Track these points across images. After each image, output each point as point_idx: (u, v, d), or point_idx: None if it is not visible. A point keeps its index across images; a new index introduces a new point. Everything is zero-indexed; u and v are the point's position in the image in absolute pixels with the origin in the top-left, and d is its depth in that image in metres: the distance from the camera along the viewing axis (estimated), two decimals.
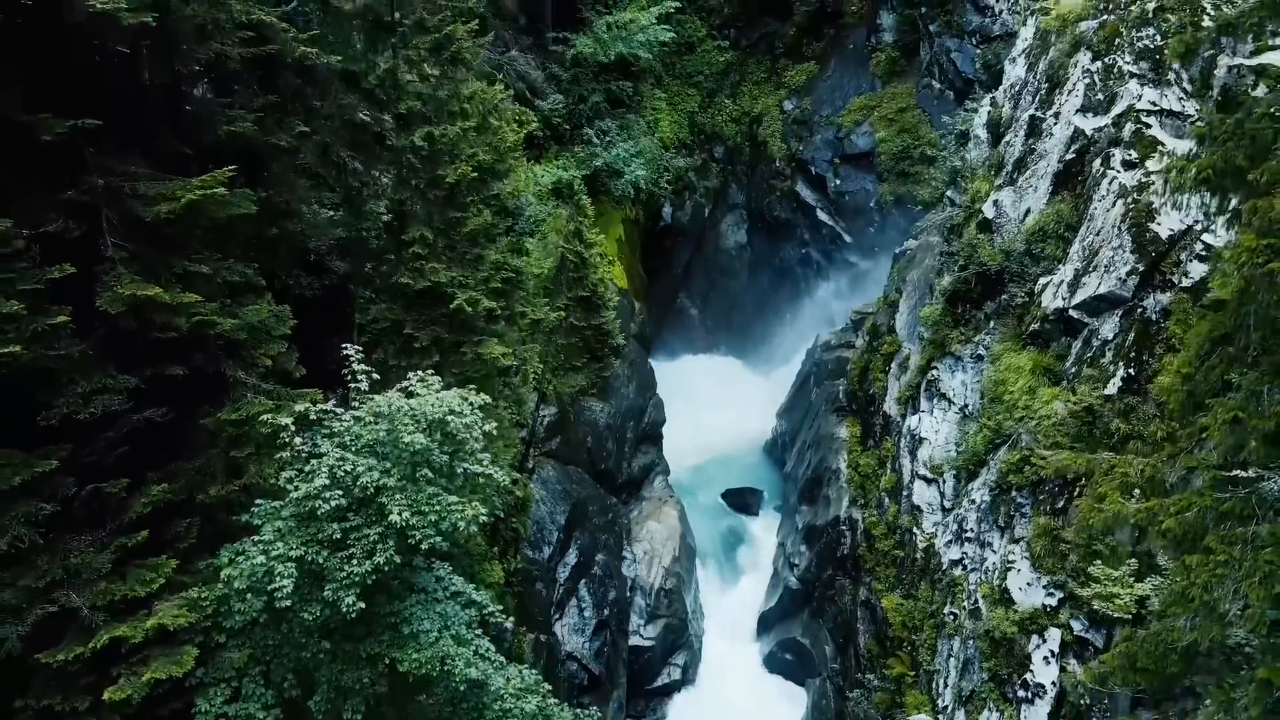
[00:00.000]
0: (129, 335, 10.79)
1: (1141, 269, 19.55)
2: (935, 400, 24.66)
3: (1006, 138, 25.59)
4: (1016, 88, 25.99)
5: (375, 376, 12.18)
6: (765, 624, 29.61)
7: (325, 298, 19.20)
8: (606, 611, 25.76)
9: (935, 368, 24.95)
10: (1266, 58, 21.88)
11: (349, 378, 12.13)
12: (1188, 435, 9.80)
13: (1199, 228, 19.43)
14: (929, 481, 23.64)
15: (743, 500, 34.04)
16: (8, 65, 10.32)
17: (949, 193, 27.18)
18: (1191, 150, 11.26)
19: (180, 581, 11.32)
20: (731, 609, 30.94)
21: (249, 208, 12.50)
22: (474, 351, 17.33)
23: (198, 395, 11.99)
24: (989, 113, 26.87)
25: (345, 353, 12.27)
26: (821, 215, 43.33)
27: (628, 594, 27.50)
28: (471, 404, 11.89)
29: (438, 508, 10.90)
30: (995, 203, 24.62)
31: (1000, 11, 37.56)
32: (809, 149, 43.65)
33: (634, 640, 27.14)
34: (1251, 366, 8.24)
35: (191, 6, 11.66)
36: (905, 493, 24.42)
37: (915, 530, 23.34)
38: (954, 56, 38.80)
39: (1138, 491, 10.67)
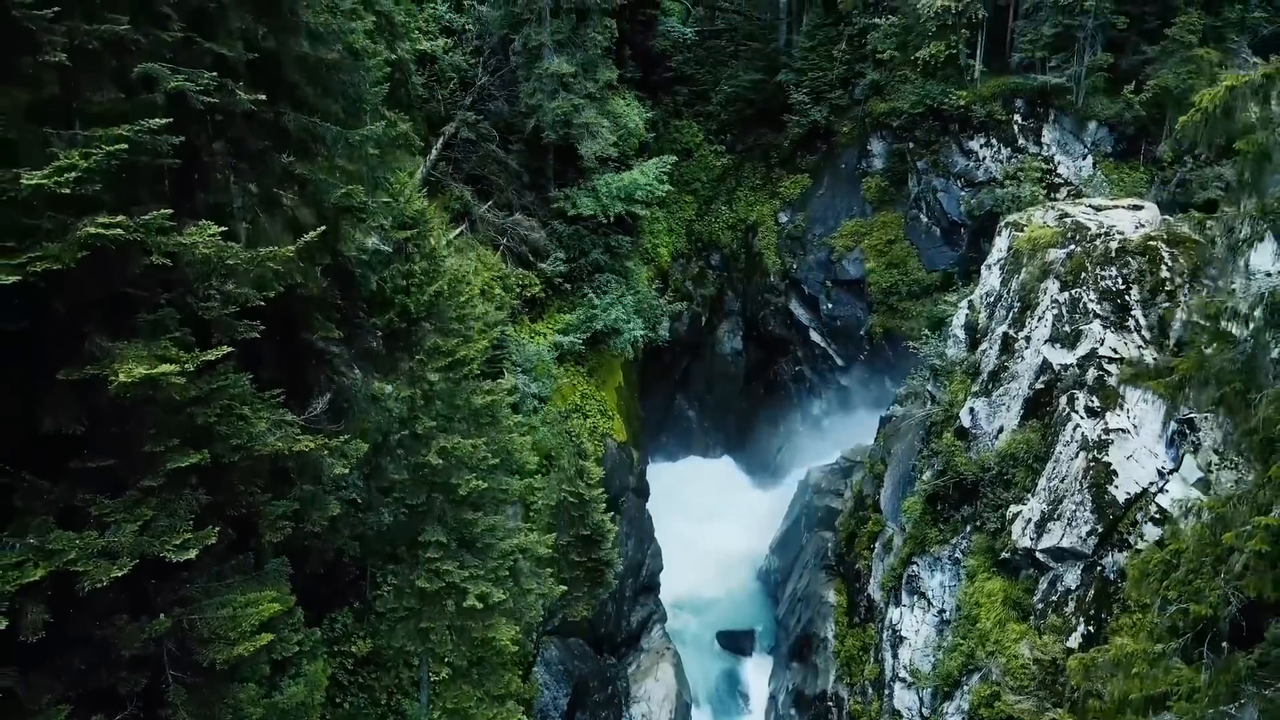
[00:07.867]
0: None
1: (1101, 530, 21.13)
2: (915, 598, 26.27)
3: (982, 346, 27.14)
4: (991, 297, 27.52)
5: None
6: None
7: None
8: None
9: (915, 563, 26.57)
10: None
11: None
12: None
13: (1154, 489, 21.06)
14: (908, 685, 25.25)
15: (737, 643, 35.69)
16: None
17: (929, 387, 28.73)
18: None
19: None
20: None
21: (287, 605, 14.07)
22: (484, 635, 18.94)
23: None
24: (966, 315, 28.40)
25: None
26: (814, 336, 44.88)
27: None
28: None
29: None
30: (971, 410, 26.20)
31: (984, 158, 39.07)
32: (803, 268, 45.12)
33: None
34: None
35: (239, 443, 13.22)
36: (887, 691, 26.04)
37: None
38: (940, 196, 40.27)
39: None
